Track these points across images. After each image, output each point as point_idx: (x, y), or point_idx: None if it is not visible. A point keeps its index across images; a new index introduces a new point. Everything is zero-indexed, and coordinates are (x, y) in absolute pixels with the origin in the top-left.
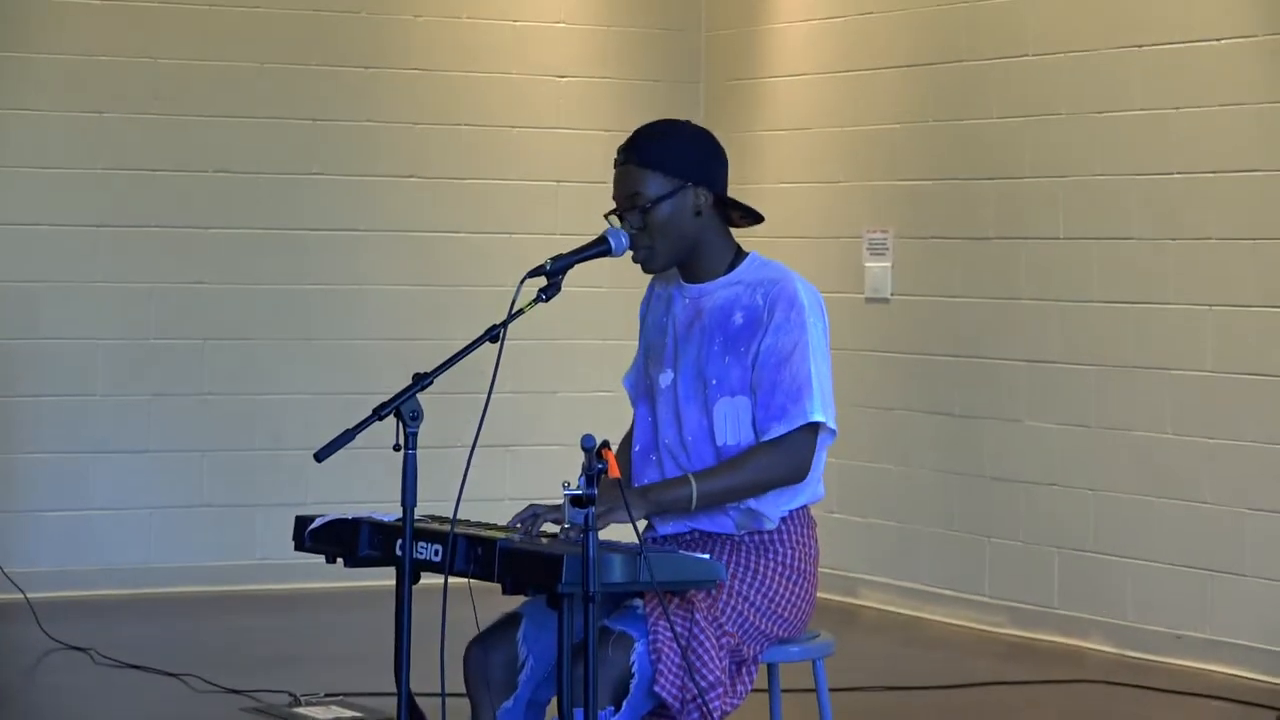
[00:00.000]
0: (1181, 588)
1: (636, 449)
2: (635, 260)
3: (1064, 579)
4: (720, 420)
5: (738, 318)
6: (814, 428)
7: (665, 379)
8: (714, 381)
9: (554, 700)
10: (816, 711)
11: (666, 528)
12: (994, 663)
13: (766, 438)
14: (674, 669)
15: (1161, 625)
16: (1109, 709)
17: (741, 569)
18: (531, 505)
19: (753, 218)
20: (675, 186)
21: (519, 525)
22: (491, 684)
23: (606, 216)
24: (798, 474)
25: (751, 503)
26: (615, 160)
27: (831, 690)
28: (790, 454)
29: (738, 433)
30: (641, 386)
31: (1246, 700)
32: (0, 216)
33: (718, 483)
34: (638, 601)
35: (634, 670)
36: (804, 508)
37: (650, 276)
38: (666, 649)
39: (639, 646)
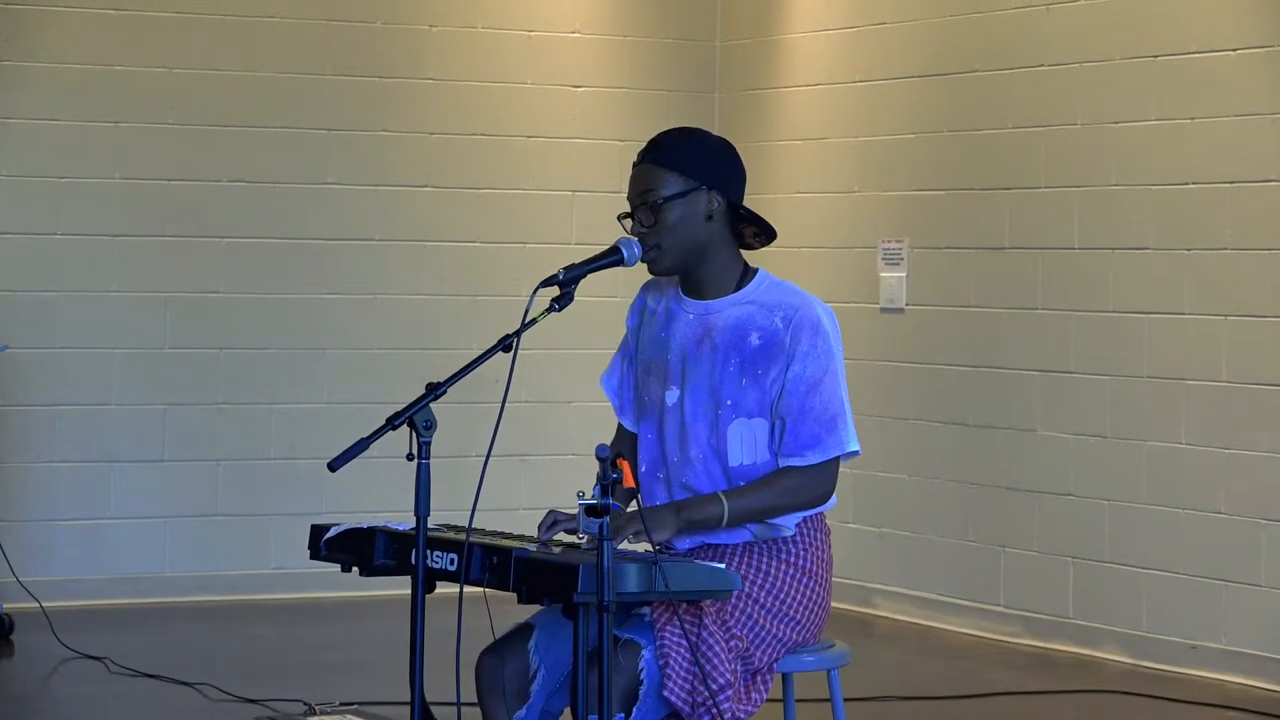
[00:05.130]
0: (1197, 598)
1: (643, 469)
2: (644, 259)
3: (1079, 589)
4: (735, 441)
5: (754, 339)
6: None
7: (671, 397)
8: (729, 402)
9: (567, 709)
10: None
11: (683, 544)
12: (1009, 673)
13: (798, 463)
14: (682, 674)
15: (1177, 636)
16: (1123, 719)
17: (754, 572)
18: (552, 512)
19: (766, 235)
20: (689, 187)
21: (543, 535)
22: (504, 694)
23: (620, 218)
24: (824, 498)
25: None
26: (634, 162)
27: (846, 700)
28: (820, 480)
29: (754, 454)
30: (639, 402)
31: (1262, 711)
32: (16, 225)
33: (748, 502)
34: (645, 609)
35: (642, 677)
36: (819, 512)
37: (639, 283)
38: (674, 654)
39: (646, 653)
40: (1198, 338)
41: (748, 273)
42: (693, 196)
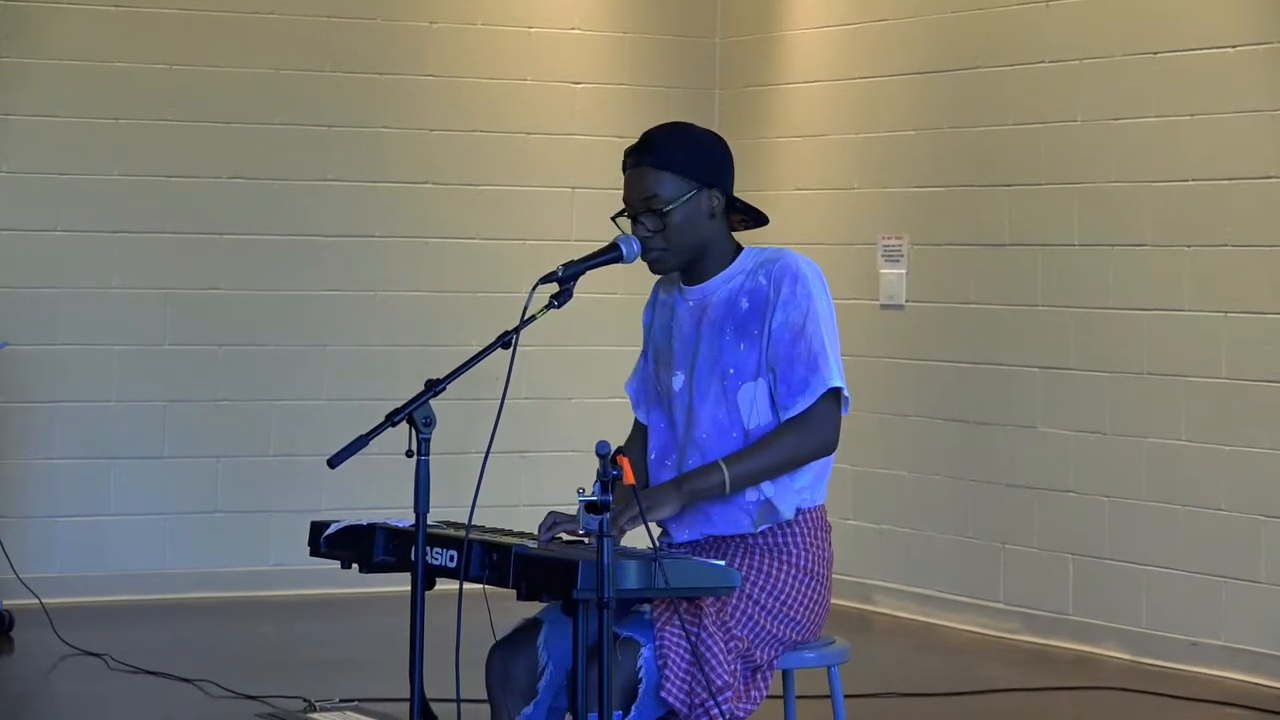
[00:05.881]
0: (1196, 595)
1: (653, 456)
2: (646, 259)
3: (1079, 586)
4: (746, 407)
5: (744, 303)
6: (835, 396)
7: (677, 382)
8: (732, 371)
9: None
10: (831, 717)
11: (682, 534)
12: (1008, 670)
13: (792, 413)
14: (681, 674)
15: (1176, 632)
16: (1123, 716)
17: (754, 572)
18: (552, 513)
19: (754, 220)
20: (690, 189)
21: (544, 535)
22: (513, 689)
23: (614, 219)
24: (827, 446)
25: (770, 494)
26: (626, 163)
27: (846, 696)
28: (817, 427)
29: (758, 416)
30: (651, 393)
31: (1262, 707)
32: (16, 222)
33: (748, 464)
34: (645, 606)
35: (641, 675)
36: (818, 508)
37: (655, 279)
38: (673, 654)
39: (645, 651)
40: (1197, 334)
41: (736, 251)
42: (695, 198)
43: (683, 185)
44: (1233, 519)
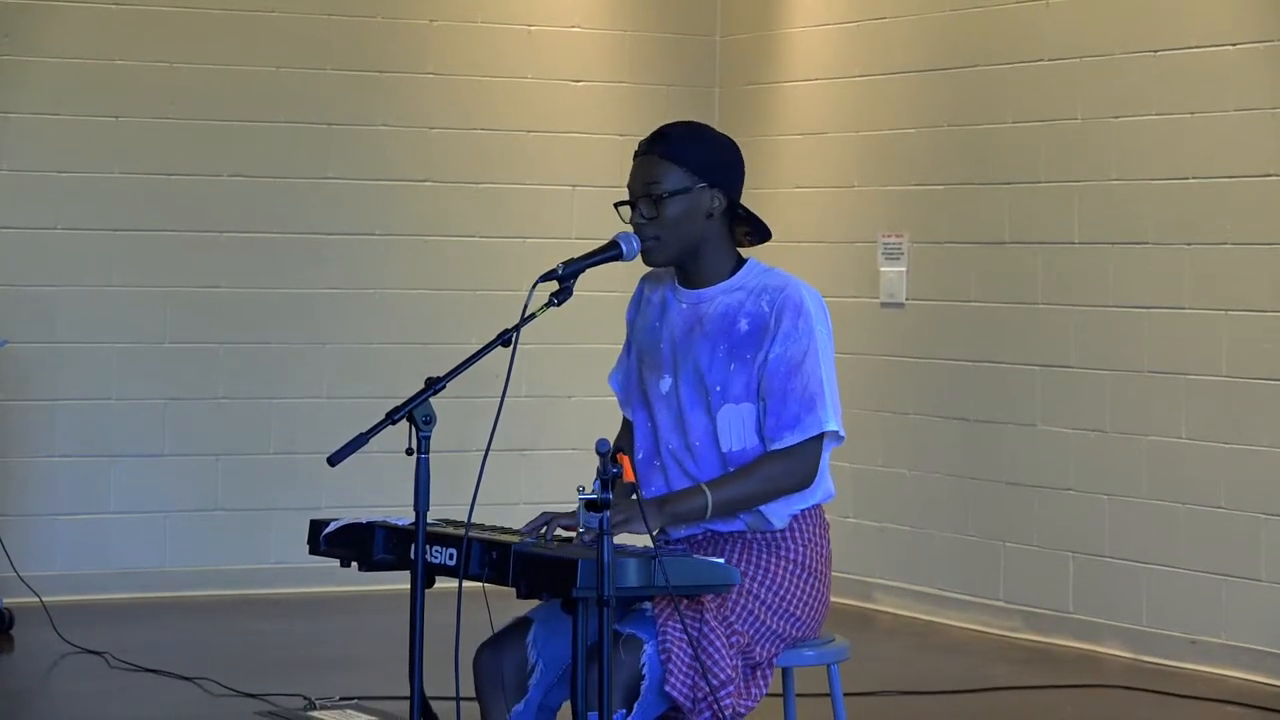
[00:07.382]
0: (1197, 593)
1: (639, 456)
2: (640, 249)
3: (1079, 584)
4: (725, 427)
5: (743, 324)
6: (822, 436)
7: (664, 385)
8: (717, 389)
9: (566, 703)
10: (831, 716)
11: (679, 530)
12: (1009, 668)
13: (778, 446)
14: (684, 669)
15: (1177, 630)
16: (1124, 714)
17: (753, 568)
18: (544, 512)
19: (759, 235)
20: (692, 184)
21: (530, 531)
22: (502, 687)
23: (617, 206)
24: (805, 482)
25: (760, 507)
26: (637, 150)
27: (846, 695)
28: (800, 463)
29: (743, 439)
30: (635, 391)
31: (1262, 706)
32: (16, 220)
33: (730, 491)
34: (646, 604)
35: (644, 672)
36: (817, 507)
37: (638, 278)
38: (676, 649)
39: (648, 648)
40: (1198, 332)
41: (740, 263)
42: (696, 194)
43: (686, 180)
44: (1233, 517)
